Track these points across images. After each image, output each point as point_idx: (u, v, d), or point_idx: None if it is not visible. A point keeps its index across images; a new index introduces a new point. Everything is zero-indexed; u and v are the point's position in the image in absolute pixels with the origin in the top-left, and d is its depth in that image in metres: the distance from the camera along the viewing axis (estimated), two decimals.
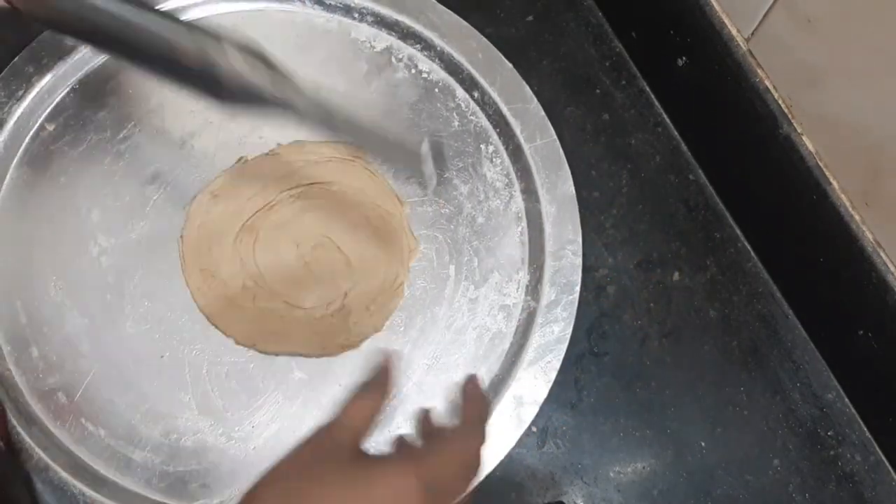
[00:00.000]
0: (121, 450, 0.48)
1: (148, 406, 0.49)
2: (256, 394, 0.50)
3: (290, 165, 0.54)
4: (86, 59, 0.55)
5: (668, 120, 0.59)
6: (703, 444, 0.53)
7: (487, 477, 0.49)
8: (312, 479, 0.34)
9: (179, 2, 0.56)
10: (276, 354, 0.51)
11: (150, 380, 0.50)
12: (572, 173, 0.55)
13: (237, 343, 0.50)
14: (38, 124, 0.54)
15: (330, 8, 0.57)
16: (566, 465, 0.52)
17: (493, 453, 0.50)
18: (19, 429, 0.48)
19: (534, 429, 0.52)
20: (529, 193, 0.55)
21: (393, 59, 0.57)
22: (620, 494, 0.52)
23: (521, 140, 0.55)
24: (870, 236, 0.48)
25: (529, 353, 0.51)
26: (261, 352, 0.50)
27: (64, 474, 0.47)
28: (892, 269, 0.47)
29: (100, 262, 0.51)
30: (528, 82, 0.57)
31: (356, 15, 0.57)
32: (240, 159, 0.53)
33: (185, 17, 0.56)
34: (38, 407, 0.49)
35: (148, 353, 0.50)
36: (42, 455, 0.47)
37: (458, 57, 0.56)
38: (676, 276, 0.56)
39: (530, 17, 0.61)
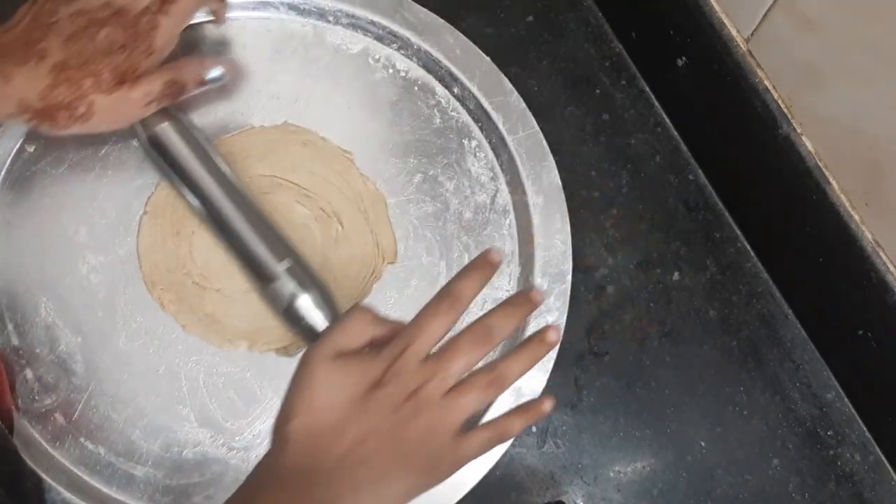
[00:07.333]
0: (122, 466, 0.48)
1: (146, 421, 0.49)
2: (255, 402, 0.50)
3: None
4: None
5: (667, 120, 0.59)
6: (703, 444, 0.53)
7: (487, 477, 0.49)
8: None
9: None
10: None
11: (146, 395, 0.50)
12: (572, 173, 0.55)
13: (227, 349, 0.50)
14: (18, 146, 0.53)
15: (304, 13, 0.57)
16: (566, 465, 0.52)
17: (492, 452, 0.50)
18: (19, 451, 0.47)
19: (533, 428, 0.52)
20: (515, 186, 0.55)
21: (370, 60, 0.57)
22: (620, 494, 0.52)
23: (504, 133, 0.55)
24: (869, 236, 0.48)
25: None
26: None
27: (67, 494, 0.47)
28: (891, 269, 0.47)
29: (89, 279, 0.51)
30: (527, 82, 0.57)
31: (330, 18, 0.57)
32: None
33: None
34: (36, 429, 0.49)
35: (143, 368, 0.50)
36: (44, 476, 0.47)
37: (436, 54, 0.56)
38: (676, 276, 0.56)
39: (530, 17, 0.60)
